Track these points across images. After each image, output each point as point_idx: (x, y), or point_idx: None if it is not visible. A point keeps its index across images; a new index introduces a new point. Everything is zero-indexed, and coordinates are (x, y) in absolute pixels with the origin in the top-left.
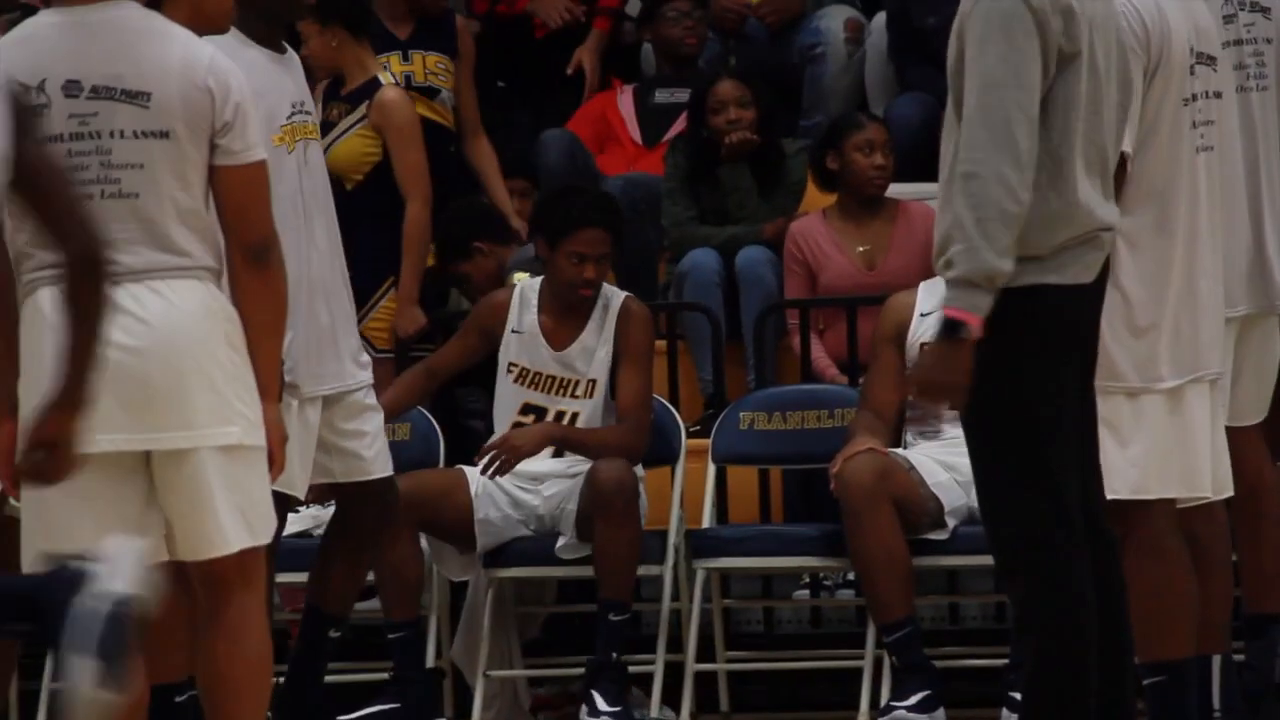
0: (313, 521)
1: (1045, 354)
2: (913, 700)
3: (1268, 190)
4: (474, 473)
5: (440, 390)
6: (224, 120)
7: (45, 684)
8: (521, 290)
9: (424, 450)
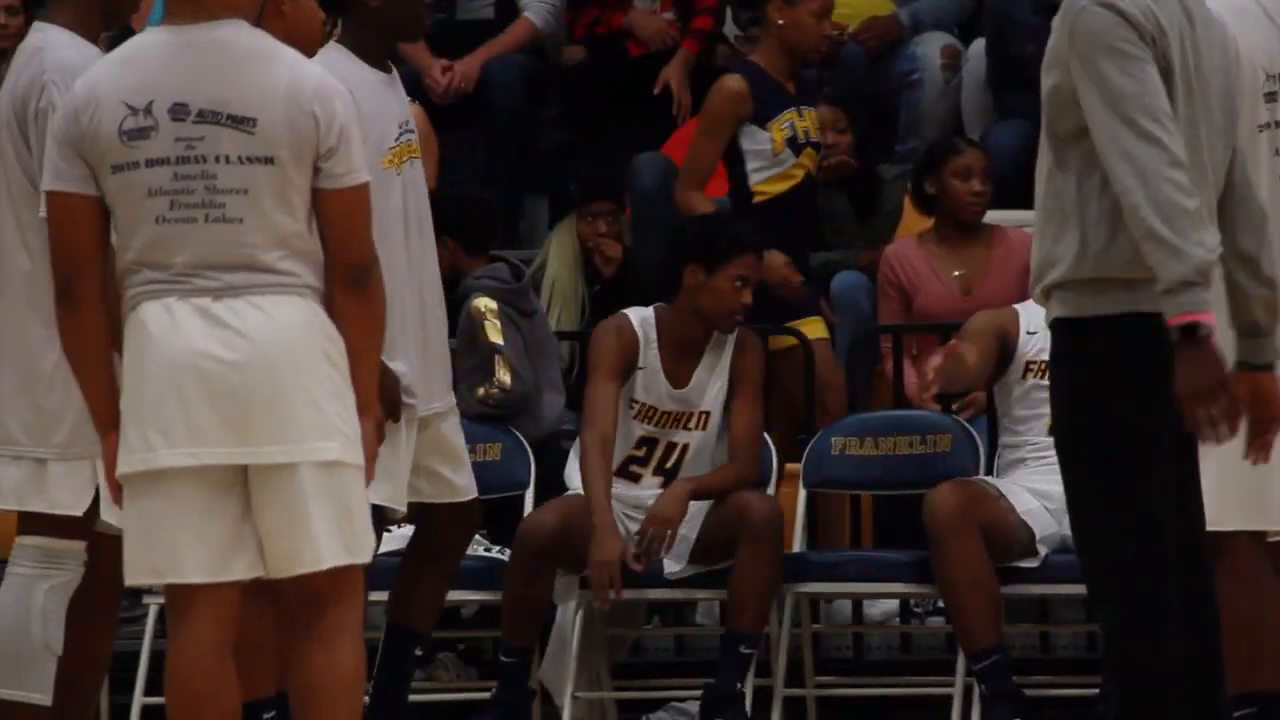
0: (402, 542)
1: (1140, 383)
2: None
3: None
4: None
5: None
6: (328, 145)
7: (136, 698)
8: (641, 324)
9: (514, 471)
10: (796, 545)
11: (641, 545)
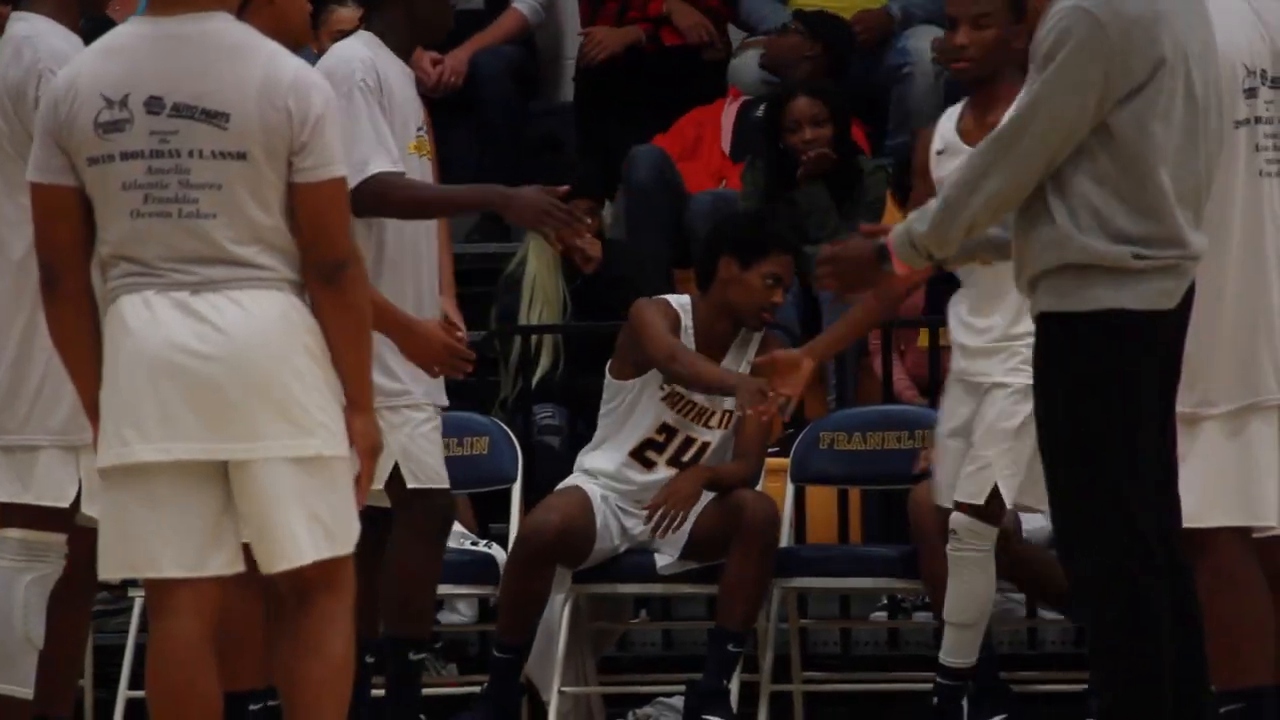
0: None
1: (1121, 380)
2: None
3: None
4: (594, 493)
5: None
6: (301, 140)
7: (121, 691)
8: (680, 308)
9: (501, 465)
10: (784, 540)
11: (654, 521)
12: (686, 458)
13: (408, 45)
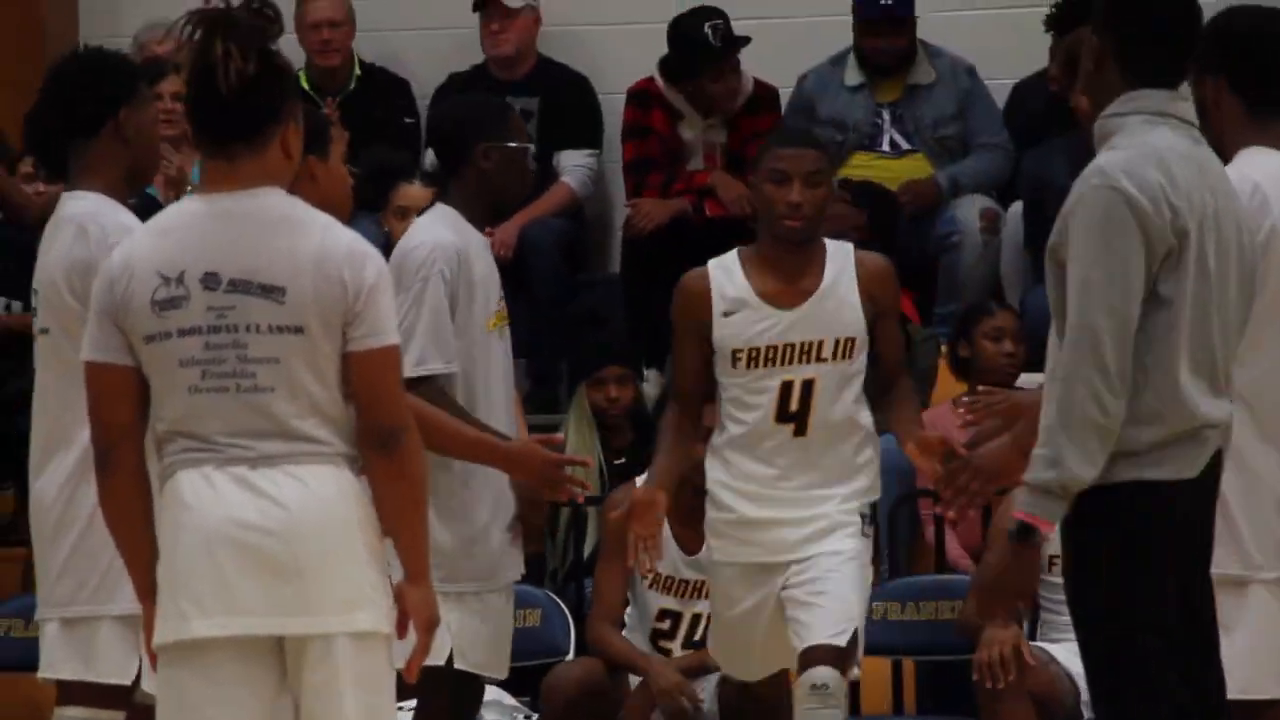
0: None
1: (1144, 551)
2: None
3: None
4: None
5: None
6: (355, 310)
7: None
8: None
9: (554, 637)
10: None
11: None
12: (699, 635)
13: (487, 215)
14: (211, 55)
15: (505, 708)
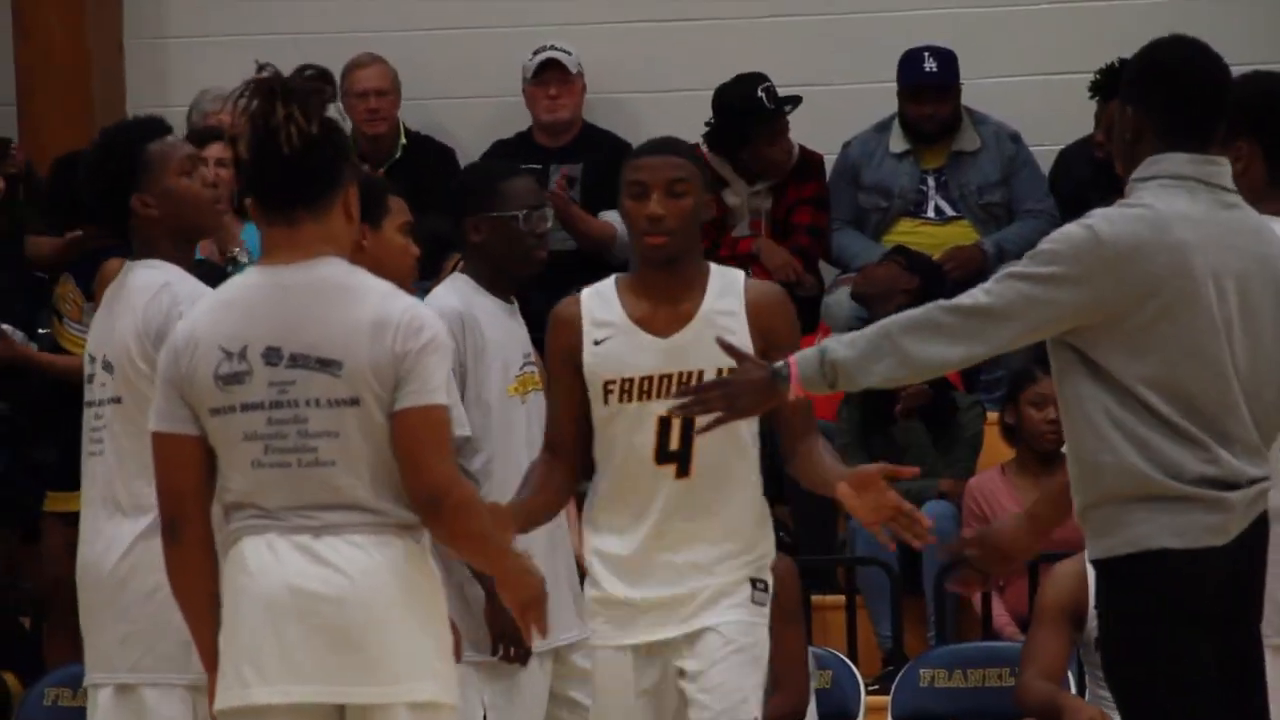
0: None
1: (1170, 621)
2: None
3: None
4: None
5: None
6: (401, 375)
7: None
8: None
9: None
10: None
11: None
12: None
13: (499, 282)
14: (274, 119)
15: None
